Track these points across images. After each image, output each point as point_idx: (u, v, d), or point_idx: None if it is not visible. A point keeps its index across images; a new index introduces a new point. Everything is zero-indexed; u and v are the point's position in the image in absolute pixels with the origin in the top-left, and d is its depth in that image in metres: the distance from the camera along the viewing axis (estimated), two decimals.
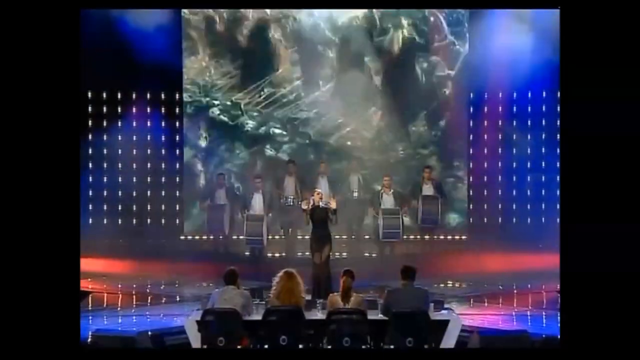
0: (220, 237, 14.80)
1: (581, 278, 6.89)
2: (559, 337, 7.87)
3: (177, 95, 15.89)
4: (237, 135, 15.98)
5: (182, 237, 15.82)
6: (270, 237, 14.42)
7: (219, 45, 15.86)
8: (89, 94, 15.46)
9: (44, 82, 7.13)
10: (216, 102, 15.94)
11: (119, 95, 15.71)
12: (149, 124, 15.64)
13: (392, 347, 8.52)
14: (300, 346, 8.58)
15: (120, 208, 15.72)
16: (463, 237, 15.84)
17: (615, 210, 6.93)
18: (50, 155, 7.07)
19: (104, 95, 15.64)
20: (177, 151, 15.96)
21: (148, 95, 15.64)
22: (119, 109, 15.71)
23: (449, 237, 15.72)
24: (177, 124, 15.94)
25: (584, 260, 6.89)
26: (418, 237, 15.10)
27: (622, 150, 6.99)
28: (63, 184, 7.08)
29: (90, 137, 15.32)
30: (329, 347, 8.53)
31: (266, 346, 8.58)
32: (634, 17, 7.09)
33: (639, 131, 6.96)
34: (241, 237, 14.10)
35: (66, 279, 7.00)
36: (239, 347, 8.51)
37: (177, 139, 15.94)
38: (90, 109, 15.50)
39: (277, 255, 14.85)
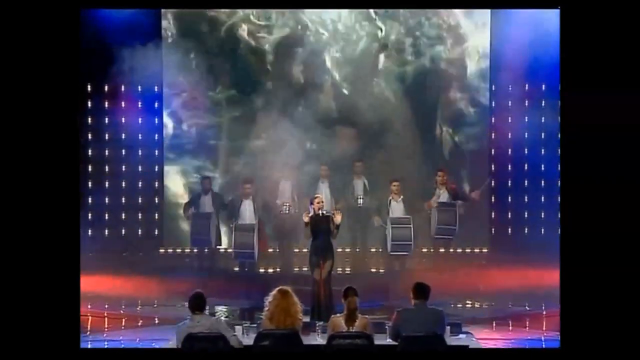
0: (206, 250, 14.75)
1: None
2: None
3: (156, 88, 15.77)
4: (225, 134, 15.96)
5: (162, 250, 15.77)
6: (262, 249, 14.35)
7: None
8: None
9: (44, 82, 7.66)
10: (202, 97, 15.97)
11: (89, 88, 15.61)
12: (123, 120, 15.58)
13: None
14: None
15: (90, 217, 15.59)
16: (484, 250, 15.83)
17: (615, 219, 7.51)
18: (49, 156, 7.69)
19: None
20: (157, 152, 15.86)
21: (122, 88, 15.55)
22: (89, 105, 15.64)
23: (468, 250, 15.71)
24: (157, 120, 15.85)
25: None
26: (432, 250, 15.02)
27: (622, 151, 7.43)
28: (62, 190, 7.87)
29: None
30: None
31: None
32: (634, 17, 7.65)
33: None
34: (229, 249, 14.04)
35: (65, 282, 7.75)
36: None
37: (157, 137, 15.84)
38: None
39: (270, 270, 14.87)
